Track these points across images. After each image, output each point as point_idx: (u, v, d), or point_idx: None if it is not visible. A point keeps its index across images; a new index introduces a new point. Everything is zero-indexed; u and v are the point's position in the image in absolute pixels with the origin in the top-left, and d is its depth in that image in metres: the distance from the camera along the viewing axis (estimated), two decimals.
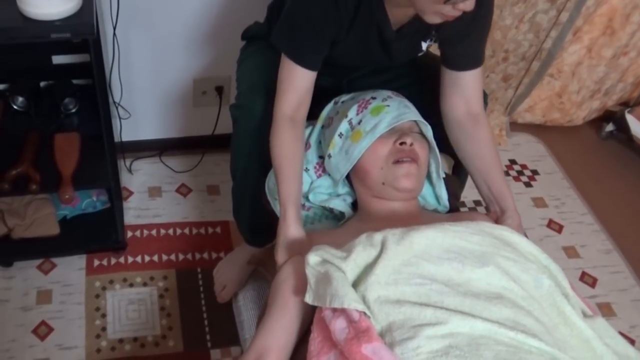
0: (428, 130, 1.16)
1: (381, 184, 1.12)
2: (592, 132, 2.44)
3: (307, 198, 1.25)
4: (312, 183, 1.25)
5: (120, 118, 1.80)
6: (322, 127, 1.26)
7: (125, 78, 1.75)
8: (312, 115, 1.32)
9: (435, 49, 1.28)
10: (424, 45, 1.22)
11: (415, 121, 1.16)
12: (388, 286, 0.91)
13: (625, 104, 2.39)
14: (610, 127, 2.38)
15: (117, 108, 1.77)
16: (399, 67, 1.36)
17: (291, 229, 1.10)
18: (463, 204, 2.01)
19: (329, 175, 1.24)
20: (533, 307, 0.92)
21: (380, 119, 1.13)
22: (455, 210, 1.28)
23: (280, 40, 1.14)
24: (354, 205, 1.24)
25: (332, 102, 1.28)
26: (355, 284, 0.93)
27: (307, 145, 1.27)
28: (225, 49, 1.79)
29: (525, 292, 0.94)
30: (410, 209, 1.16)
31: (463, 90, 1.23)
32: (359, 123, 1.15)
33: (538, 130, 2.39)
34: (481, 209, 2.03)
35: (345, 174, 1.17)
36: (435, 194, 1.26)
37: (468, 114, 1.24)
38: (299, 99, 1.15)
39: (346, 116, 1.18)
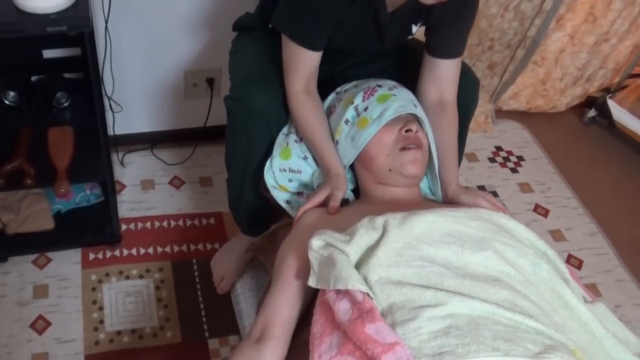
0: (426, 125, 1.20)
1: (388, 170, 1.15)
2: (575, 118, 2.50)
3: (307, 187, 1.27)
4: (314, 173, 1.26)
5: (113, 111, 1.80)
6: None
7: (117, 71, 1.75)
8: None
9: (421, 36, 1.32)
10: (414, 29, 1.25)
11: (414, 115, 1.20)
12: (389, 268, 0.93)
13: (607, 90, 2.45)
14: (592, 113, 2.43)
15: (109, 101, 1.77)
16: (391, 56, 1.39)
17: (344, 186, 1.18)
18: None
19: None
20: (530, 291, 0.94)
21: (387, 107, 1.16)
22: None
23: (283, 24, 1.17)
24: (354, 192, 1.27)
25: (334, 92, 1.30)
26: (358, 266, 0.95)
27: None
28: (216, 40, 1.80)
29: (522, 276, 0.96)
30: (412, 196, 1.19)
31: (438, 79, 1.27)
32: (365, 110, 1.18)
33: (523, 117, 2.44)
34: None
35: (352, 160, 1.19)
36: (430, 188, 1.29)
37: (439, 102, 1.29)
38: (308, 75, 1.21)
39: (352, 102, 1.21)
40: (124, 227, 1.80)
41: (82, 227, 1.72)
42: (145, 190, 1.92)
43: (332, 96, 1.30)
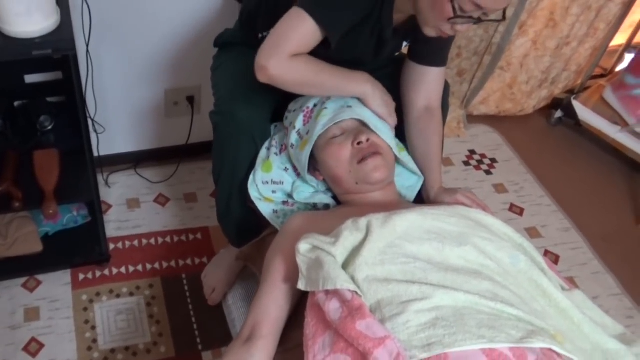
0: (370, 123, 1.22)
1: (355, 184, 1.20)
2: (543, 119, 2.60)
3: (291, 196, 1.31)
4: (294, 183, 1.31)
5: (97, 133, 1.83)
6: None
7: (98, 93, 1.78)
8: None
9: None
10: (404, 44, 1.32)
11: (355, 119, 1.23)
12: (375, 266, 0.97)
13: (571, 92, 2.55)
14: (558, 114, 2.53)
15: (92, 123, 1.80)
16: (383, 68, 1.43)
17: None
18: None
19: None
20: (509, 282, 0.99)
21: (317, 123, 1.21)
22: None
23: (310, 5, 1.10)
24: (336, 198, 1.31)
25: (287, 110, 1.35)
26: (344, 266, 1.00)
27: (283, 147, 1.33)
28: (195, 59, 1.85)
29: (501, 268, 1.02)
30: (391, 198, 1.24)
31: (427, 85, 1.33)
32: (307, 133, 1.23)
33: (493, 120, 2.53)
34: None
35: (307, 177, 1.25)
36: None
37: (426, 109, 1.34)
38: (300, 52, 1.14)
39: (294, 127, 1.26)
40: (112, 246, 1.83)
41: (71, 248, 1.74)
42: (131, 209, 1.95)
43: (285, 116, 1.35)
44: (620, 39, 2.54)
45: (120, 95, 1.86)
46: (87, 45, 1.59)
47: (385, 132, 1.24)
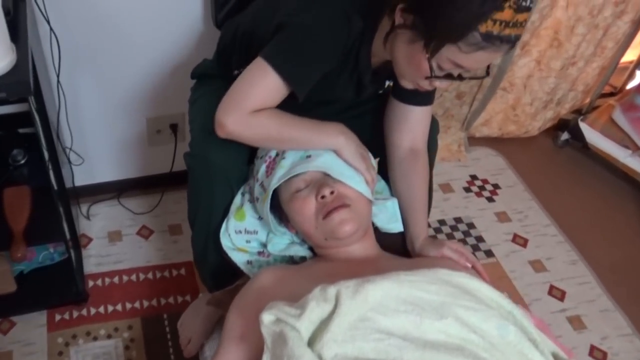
0: (333, 173, 1.11)
1: (324, 239, 1.11)
2: (548, 141, 2.48)
3: (266, 246, 1.23)
4: (268, 233, 1.23)
5: (71, 164, 1.75)
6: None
7: (75, 123, 1.71)
8: None
9: None
10: (387, 83, 1.25)
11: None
12: (345, 344, 0.88)
13: (578, 112, 2.44)
14: (565, 136, 2.42)
15: (67, 155, 1.72)
16: (366, 103, 1.36)
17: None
18: None
19: None
20: (495, 358, 0.89)
21: (274, 176, 1.12)
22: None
23: (276, 57, 1.04)
24: (312, 249, 1.22)
25: (255, 157, 1.27)
26: (311, 342, 0.90)
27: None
28: (177, 86, 1.76)
29: (487, 342, 0.91)
30: (368, 251, 1.14)
31: (412, 125, 1.25)
32: (269, 185, 1.15)
33: (496, 142, 2.42)
34: (442, 236, 2.03)
35: (277, 231, 1.18)
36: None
37: (411, 151, 1.26)
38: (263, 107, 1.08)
39: (257, 179, 1.18)
40: (91, 283, 1.75)
41: (47, 287, 1.66)
42: (113, 242, 1.87)
43: (254, 162, 1.26)
44: (630, 56, 2.43)
45: (99, 125, 1.78)
46: (58, 76, 1.52)
47: (352, 178, 1.11)
